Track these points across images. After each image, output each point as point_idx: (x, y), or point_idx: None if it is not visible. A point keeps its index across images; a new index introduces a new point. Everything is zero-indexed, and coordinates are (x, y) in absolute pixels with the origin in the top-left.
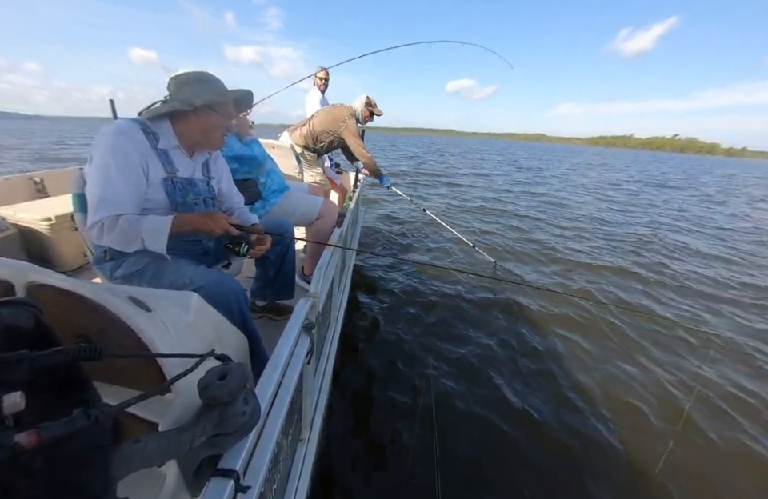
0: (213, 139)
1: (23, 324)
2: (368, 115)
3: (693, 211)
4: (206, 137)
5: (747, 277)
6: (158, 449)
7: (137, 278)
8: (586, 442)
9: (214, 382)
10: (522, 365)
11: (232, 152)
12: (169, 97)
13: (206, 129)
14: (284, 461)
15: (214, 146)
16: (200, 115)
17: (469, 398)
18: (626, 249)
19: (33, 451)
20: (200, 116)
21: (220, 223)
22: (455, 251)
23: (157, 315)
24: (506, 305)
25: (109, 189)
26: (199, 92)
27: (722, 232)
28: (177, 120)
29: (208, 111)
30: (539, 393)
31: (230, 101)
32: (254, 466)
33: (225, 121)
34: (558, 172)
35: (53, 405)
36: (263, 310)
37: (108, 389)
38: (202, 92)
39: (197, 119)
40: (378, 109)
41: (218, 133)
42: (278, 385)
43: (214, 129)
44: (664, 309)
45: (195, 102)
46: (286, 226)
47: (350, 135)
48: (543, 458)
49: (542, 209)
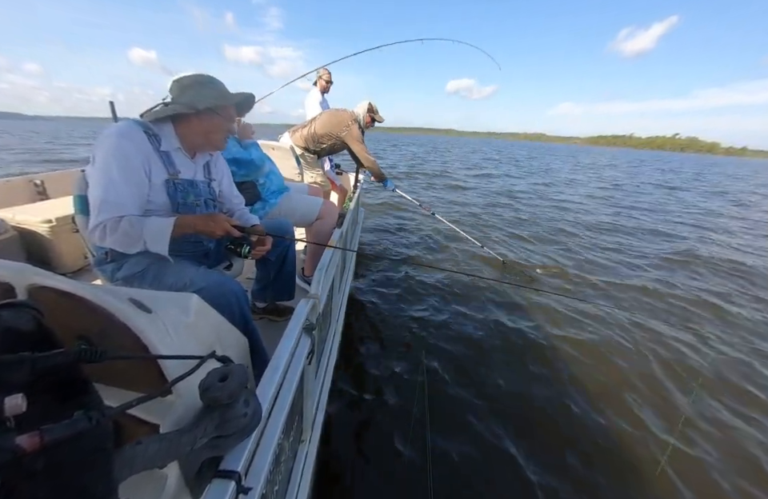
0: (215, 141)
1: (24, 326)
2: (369, 121)
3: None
4: (207, 140)
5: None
6: (159, 451)
7: (138, 280)
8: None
9: (215, 384)
10: (525, 365)
11: (229, 155)
12: (171, 99)
13: (208, 132)
14: (285, 462)
15: (214, 148)
16: (202, 118)
17: (466, 399)
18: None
19: (34, 453)
20: (202, 119)
21: (221, 224)
22: (461, 253)
23: (157, 317)
24: (512, 304)
25: (111, 190)
26: (202, 95)
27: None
28: (179, 123)
29: (210, 114)
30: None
31: (232, 104)
32: (255, 467)
33: (227, 123)
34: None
35: (54, 407)
36: (264, 311)
37: (109, 390)
38: (204, 95)
39: (199, 122)
40: (380, 116)
41: (220, 135)
42: (278, 387)
43: (216, 131)
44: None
45: (198, 106)
46: (287, 227)
47: (354, 141)
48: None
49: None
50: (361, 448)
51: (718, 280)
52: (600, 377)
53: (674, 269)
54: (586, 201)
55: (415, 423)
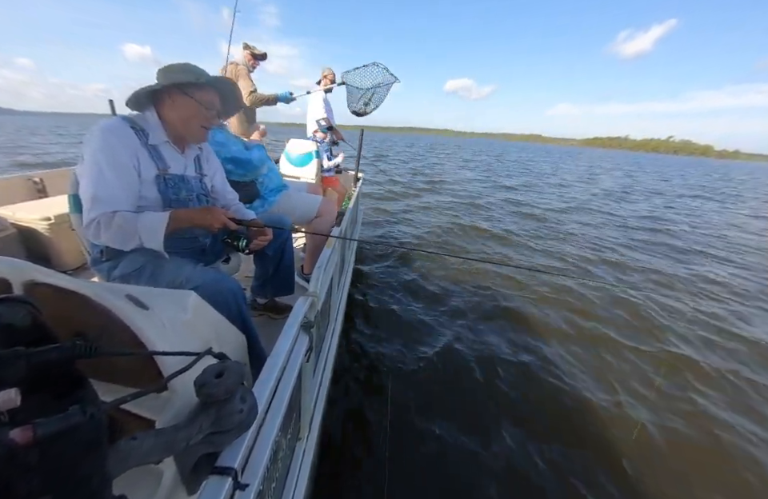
0: (191, 128)
1: (19, 321)
2: (251, 58)
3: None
4: (185, 128)
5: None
6: (154, 447)
7: (134, 278)
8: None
9: (211, 380)
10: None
11: (229, 153)
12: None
13: (184, 118)
14: (283, 459)
15: (194, 137)
16: (175, 99)
17: (474, 390)
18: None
19: (28, 447)
20: (175, 100)
21: (218, 217)
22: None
23: (154, 313)
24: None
25: (102, 186)
26: (173, 74)
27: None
28: (159, 107)
29: (181, 95)
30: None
31: (204, 85)
32: (252, 464)
33: (201, 108)
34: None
35: (49, 402)
36: (264, 308)
37: (105, 386)
38: (173, 73)
39: (172, 104)
40: (257, 49)
41: (196, 121)
42: (276, 383)
43: (191, 116)
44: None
45: (164, 81)
46: (285, 221)
47: (238, 81)
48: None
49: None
50: (361, 445)
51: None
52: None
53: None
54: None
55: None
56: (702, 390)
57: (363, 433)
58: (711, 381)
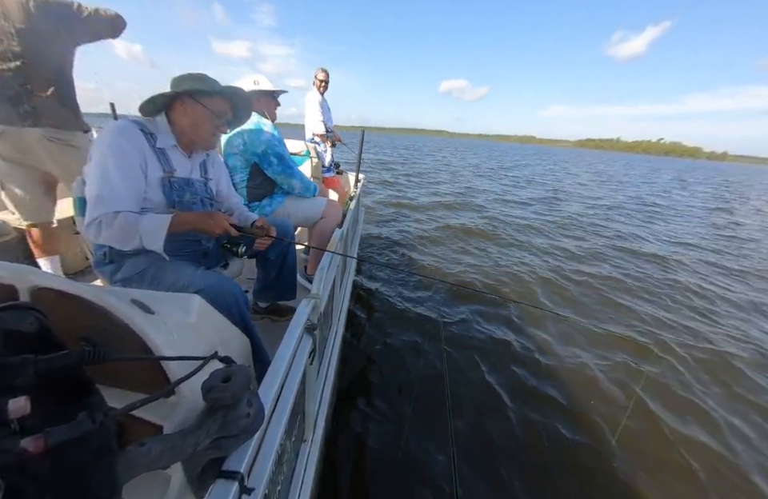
0: (201, 135)
1: (27, 328)
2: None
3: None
4: (195, 133)
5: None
6: (163, 452)
7: (136, 281)
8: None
9: (218, 384)
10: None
11: (281, 151)
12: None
13: (194, 124)
14: (288, 462)
15: (204, 144)
16: (186, 106)
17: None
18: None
19: (39, 456)
20: (186, 107)
21: (220, 223)
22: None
23: (160, 317)
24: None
25: (107, 186)
26: (185, 82)
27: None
28: (171, 114)
29: (192, 102)
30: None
31: (217, 95)
32: (258, 468)
33: (212, 116)
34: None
35: (57, 409)
36: (265, 311)
37: (112, 392)
38: (187, 81)
39: (183, 111)
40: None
41: (206, 128)
42: (280, 387)
43: (202, 123)
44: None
45: (177, 88)
46: (287, 228)
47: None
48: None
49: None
50: (365, 448)
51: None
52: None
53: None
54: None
55: (416, 419)
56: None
57: (367, 436)
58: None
